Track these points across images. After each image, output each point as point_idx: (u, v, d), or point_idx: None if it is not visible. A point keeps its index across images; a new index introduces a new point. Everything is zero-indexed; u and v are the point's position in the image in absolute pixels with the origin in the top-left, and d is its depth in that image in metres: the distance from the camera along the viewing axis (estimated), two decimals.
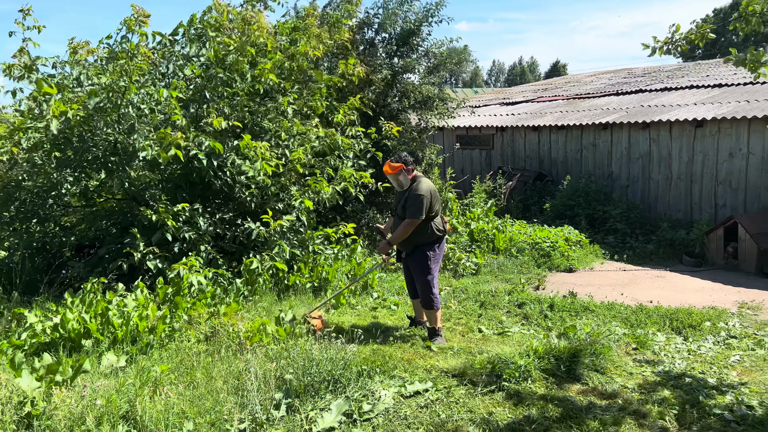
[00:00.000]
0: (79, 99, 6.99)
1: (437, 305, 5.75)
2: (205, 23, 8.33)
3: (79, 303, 5.81)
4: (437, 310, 5.77)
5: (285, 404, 4.15)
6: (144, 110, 7.20)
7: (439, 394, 4.53)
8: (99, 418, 3.79)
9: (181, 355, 5.11)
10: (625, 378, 5.00)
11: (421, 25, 11.08)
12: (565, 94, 18.69)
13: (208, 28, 8.22)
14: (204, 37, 8.33)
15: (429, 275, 5.68)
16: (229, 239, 7.63)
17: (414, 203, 5.49)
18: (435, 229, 5.66)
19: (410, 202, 5.51)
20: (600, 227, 11.76)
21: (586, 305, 7.14)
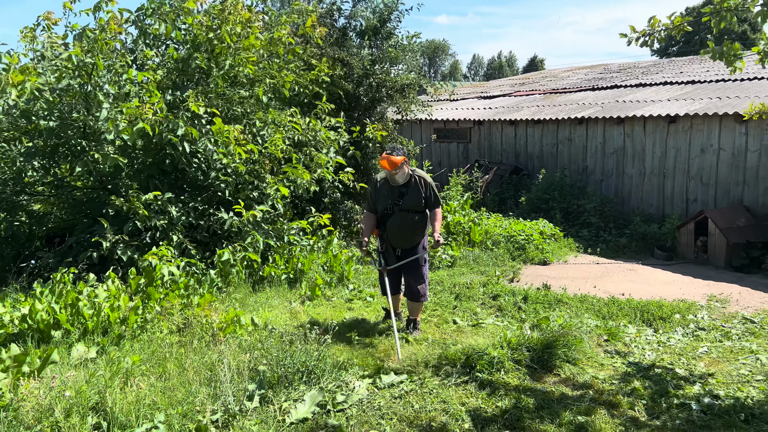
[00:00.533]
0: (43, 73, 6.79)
1: (427, 298, 5.86)
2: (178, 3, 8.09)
3: (49, 293, 5.70)
4: (425, 302, 5.88)
5: (258, 395, 4.13)
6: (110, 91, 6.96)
7: (413, 385, 4.54)
8: (68, 410, 3.73)
9: (153, 346, 5.05)
10: (596, 369, 5.07)
11: (391, 12, 11.05)
12: (542, 88, 18.83)
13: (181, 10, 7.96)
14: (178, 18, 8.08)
15: (426, 268, 5.74)
16: (203, 229, 7.54)
17: (434, 192, 5.54)
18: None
19: (432, 192, 5.53)
20: (574, 221, 11.89)
21: (559, 297, 7.22)
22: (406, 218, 5.54)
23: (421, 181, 5.55)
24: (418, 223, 5.56)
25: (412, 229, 5.56)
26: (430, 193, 5.53)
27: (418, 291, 5.68)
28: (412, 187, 5.54)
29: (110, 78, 7.05)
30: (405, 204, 5.53)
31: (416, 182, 5.54)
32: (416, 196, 5.53)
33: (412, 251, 5.65)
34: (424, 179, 5.56)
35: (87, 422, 3.70)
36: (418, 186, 5.53)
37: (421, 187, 5.53)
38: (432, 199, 5.55)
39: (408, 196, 5.53)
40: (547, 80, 21.11)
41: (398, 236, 5.62)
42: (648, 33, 4.75)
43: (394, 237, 5.64)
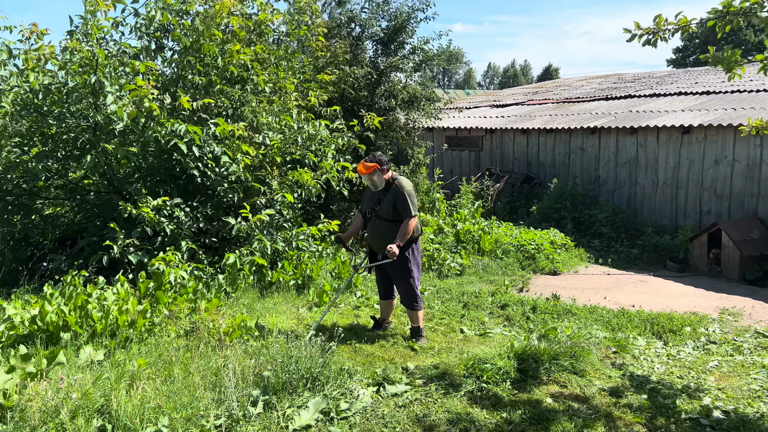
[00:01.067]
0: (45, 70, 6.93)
1: (420, 306, 5.76)
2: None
3: (59, 295, 5.75)
4: (420, 311, 5.78)
5: (262, 401, 4.14)
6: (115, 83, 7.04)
7: (417, 393, 4.53)
8: (74, 412, 3.76)
9: (160, 349, 5.07)
10: (603, 381, 5.02)
11: (407, 21, 11.08)
12: (556, 97, 18.78)
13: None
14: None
15: (410, 277, 5.65)
16: (212, 234, 7.58)
17: (405, 202, 5.45)
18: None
19: (401, 202, 5.46)
20: (586, 231, 11.82)
21: (568, 308, 7.17)
22: (379, 224, 5.60)
23: (395, 189, 5.51)
24: (388, 231, 5.53)
25: (383, 236, 5.55)
26: (402, 203, 5.46)
27: (408, 299, 5.70)
28: (388, 195, 5.54)
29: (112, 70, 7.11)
30: (379, 210, 5.60)
31: (392, 190, 5.53)
32: (388, 204, 5.52)
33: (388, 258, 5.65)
34: (400, 188, 5.50)
35: (92, 424, 3.72)
36: (392, 194, 5.52)
37: (394, 196, 5.50)
38: (402, 208, 5.48)
39: (383, 203, 5.57)
40: (561, 89, 21.05)
41: (373, 241, 5.71)
42: (653, 31, 4.66)
43: (371, 241, 5.77)
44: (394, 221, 5.52)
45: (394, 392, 4.51)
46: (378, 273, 5.95)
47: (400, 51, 11.44)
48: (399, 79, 11.41)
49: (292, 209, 7.97)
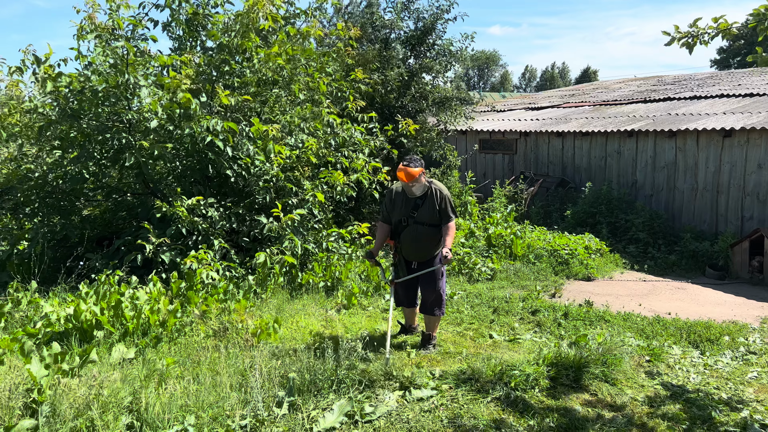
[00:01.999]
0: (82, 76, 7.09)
1: (444, 312, 5.69)
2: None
3: (93, 294, 5.88)
4: (441, 316, 5.70)
5: (287, 402, 4.15)
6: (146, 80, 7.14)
7: (444, 398, 4.48)
8: (103, 408, 3.83)
9: (189, 349, 5.15)
10: (635, 390, 4.89)
11: (435, 22, 11.02)
12: (592, 100, 18.46)
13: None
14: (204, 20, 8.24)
15: (443, 282, 5.61)
16: (244, 234, 7.67)
17: (449, 205, 5.39)
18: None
19: (444, 205, 5.38)
20: (622, 236, 11.56)
21: (601, 315, 7.02)
22: (420, 230, 5.42)
23: (437, 193, 5.40)
24: (432, 236, 5.42)
25: (427, 242, 5.43)
26: (446, 206, 5.38)
27: (433, 305, 5.56)
28: (428, 199, 5.40)
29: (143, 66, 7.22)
30: (420, 216, 5.41)
31: (432, 194, 5.40)
32: (431, 208, 5.39)
33: (427, 264, 5.51)
34: (440, 191, 5.41)
35: (121, 421, 3.79)
36: (433, 198, 5.39)
37: (436, 200, 5.38)
38: (447, 212, 5.39)
39: (423, 208, 5.40)
40: (598, 92, 20.68)
41: (412, 249, 5.50)
42: (691, 35, 4.54)
43: (408, 249, 5.53)
44: (437, 226, 5.42)
45: (419, 396, 4.47)
46: (406, 283, 5.70)
47: (430, 52, 11.38)
48: (429, 80, 11.36)
49: (323, 210, 8.00)
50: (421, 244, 5.46)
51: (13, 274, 7.46)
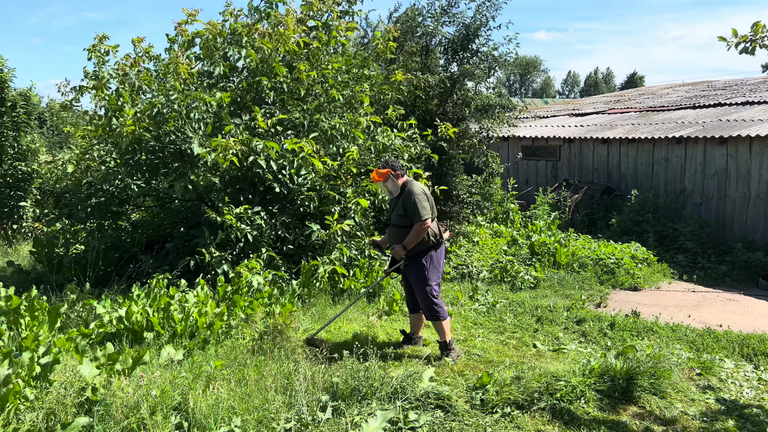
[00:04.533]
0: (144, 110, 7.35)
1: (443, 315, 5.44)
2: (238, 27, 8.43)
3: (144, 297, 6.06)
4: (443, 320, 5.44)
5: (331, 407, 4.18)
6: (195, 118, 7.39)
7: (487, 408, 4.44)
8: (153, 408, 3.94)
9: (235, 352, 5.24)
10: (686, 404, 4.76)
11: (478, 29, 10.92)
12: (638, 106, 18.08)
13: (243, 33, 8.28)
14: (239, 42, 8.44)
15: (427, 285, 5.40)
16: (289, 241, 7.78)
17: (415, 206, 5.25)
18: (431, 235, 5.39)
19: (410, 207, 5.28)
20: (669, 245, 11.27)
21: (649, 326, 6.85)
22: (393, 232, 5.50)
23: (407, 195, 5.35)
24: (401, 237, 5.39)
25: (396, 243, 5.43)
26: (412, 208, 5.26)
27: (426, 308, 5.46)
28: (400, 201, 5.41)
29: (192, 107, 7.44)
30: (392, 217, 5.51)
31: (404, 196, 5.37)
32: (400, 210, 5.38)
33: (409, 266, 5.45)
34: (410, 193, 5.32)
35: (170, 421, 3.88)
36: (403, 199, 5.37)
37: (404, 202, 5.35)
38: (412, 213, 5.28)
39: (395, 209, 5.46)
40: (644, 98, 20.24)
41: (391, 248, 5.58)
42: (750, 39, 4.41)
43: (390, 248, 5.61)
44: (406, 227, 5.35)
45: (463, 407, 4.44)
46: (405, 285, 5.77)
47: (473, 59, 11.29)
48: (471, 87, 11.26)
49: (365, 217, 8.06)
50: (394, 244, 5.50)
51: (69, 276, 7.74)
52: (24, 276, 8.63)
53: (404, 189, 5.41)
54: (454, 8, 10.99)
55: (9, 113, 11.65)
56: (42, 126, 23.42)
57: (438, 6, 10.97)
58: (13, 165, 11.67)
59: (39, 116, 24.13)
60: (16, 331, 5.50)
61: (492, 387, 4.64)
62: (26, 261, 9.62)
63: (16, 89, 12.03)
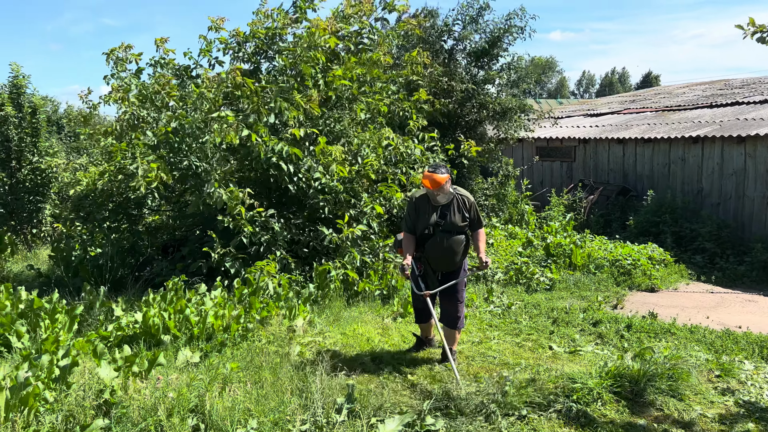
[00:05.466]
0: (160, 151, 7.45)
1: (463, 325, 5.47)
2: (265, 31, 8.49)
3: (161, 300, 6.11)
4: (460, 330, 5.50)
5: (347, 409, 4.19)
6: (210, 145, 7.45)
7: (503, 411, 4.42)
8: (170, 410, 3.97)
9: (251, 354, 5.26)
10: (704, 406, 4.70)
11: (502, 36, 10.88)
12: (654, 106, 17.92)
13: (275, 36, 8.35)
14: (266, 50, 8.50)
15: (464, 292, 5.41)
16: (303, 244, 7.81)
17: (477, 211, 5.25)
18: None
19: (474, 212, 5.22)
20: (687, 246, 11.15)
21: (666, 327, 6.78)
22: (448, 240, 5.14)
23: (464, 200, 5.20)
24: (460, 245, 5.18)
25: (455, 251, 5.17)
26: (474, 214, 5.20)
27: (456, 317, 5.32)
28: (455, 207, 5.17)
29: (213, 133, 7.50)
30: (447, 225, 5.14)
31: (458, 201, 5.19)
32: (459, 216, 5.16)
33: (454, 275, 5.28)
34: (467, 199, 5.22)
35: (187, 423, 3.91)
36: (460, 205, 5.18)
37: (464, 207, 5.18)
38: (475, 219, 5.23)
39: (450, 217, 5.14)
40: (660, 97, 20.06)
41: (440, 259, 5.21)
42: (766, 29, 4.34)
43: (435, 259, 5.23)
44: (464, 234, 5.24)
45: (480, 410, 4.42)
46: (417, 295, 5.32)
47: (494, 63, 11.26)
48: (491, 92, 11.25)
49: (380, 222, 8.08)
50: (449, 254, 5.19)
51: (85, 279, 7.83)
52: (44, 279, 8.75)
53: (455, 193, 5.21)
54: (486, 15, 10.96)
55: (28, 119, 11.83)
56: (60, 132, 23.74)
57: (468, 16, 10.96)
58: (34, 170, 11.84)
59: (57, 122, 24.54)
60: (36, 333, 5.58)
61: (510, 389, 4.61)
62: (45, 265, 9.75)
63: (34, 95, 12.21)
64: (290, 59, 8.06)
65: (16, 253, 10.95)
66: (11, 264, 10.31)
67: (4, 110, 11.50)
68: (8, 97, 11.71)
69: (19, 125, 11.69)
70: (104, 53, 8.11)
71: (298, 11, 8.83)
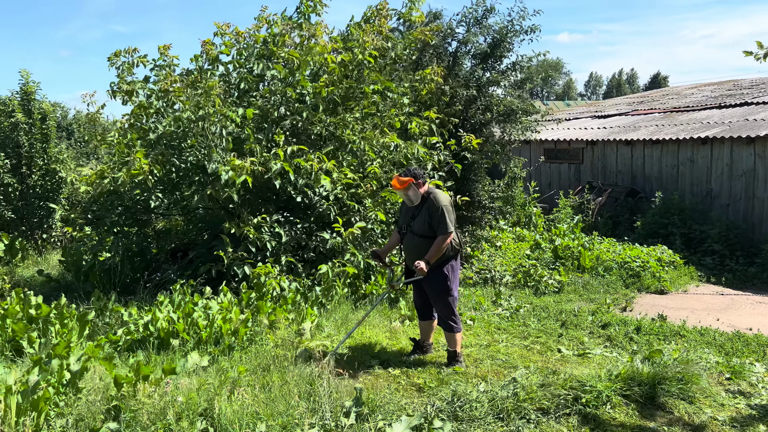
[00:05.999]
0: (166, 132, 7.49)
1: (459, 327, 5.39)
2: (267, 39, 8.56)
3: (169, 304, 6.14)
4: (458, 333, 5.38)
5: (355, 412, 4.19)
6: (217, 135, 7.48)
7: (512, 413, 4.41)
8: (179, 414, 3.99)
9: (259, 358, 5.28)
10: (715, 409, 4.67)
11: (506, 37, 10.85)
12: (662, 107, 17.84)
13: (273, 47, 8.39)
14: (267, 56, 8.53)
15: (449, 296, 5.30)
16: (309, 249, 7.84)
17: (442, 217, 5.13)
18: (453, 244, 5.29)
19: (437, 218, 5.14)
20: (696, 248, 11.09)
21: (676, 330, 6.75)
22: (414, 240, 5.30)
23: (432, 204, 5.19)
24: (425, 247, 5.20)
25: (418, 253, 5.22)
26: (438, 219, 5.13)
27: (445, 318, 5.33)
28: (423, 210, 5.24)
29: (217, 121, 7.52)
30: (414, 226, 5.31)
31: (427, 205, 5.22)
32: (424, 220, 5.22)
33: (428, 276, 5.22)
34: (436, 202, 5.18)
35: (196, 427, 3.93)
36: (427, 209, 5.21)
37: (430, 211, 5.19)
38: (437, 224, 5.15)
39: (418, 218, 5.27)
40: (668, 98, 19.97)
41: (408, 257, 5.39)
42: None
43: (406, 257, 5.46)
44: (429, 237, 5.23)
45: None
46: (416, 292, 5.61)
47: (498, 65, 11.22)
48: (497, 93, 11.21)
49: (385, 224, 8.10)
50: (413, 254, 5.30)
51: (95, 284, 7.88)
52: (54, 284, 8.81)
53: (428, 198, 5.26)
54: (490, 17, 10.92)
55: (38, 125, 11.93)
56: (69, 138, 23.92)
57: (472, 18, 10.94)
58: (44, 175, 11.94)
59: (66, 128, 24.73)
60: (46, 338, 5.61)
61: (521, 392, 4.60)
62: (56, 270, 9.82)
63: (44, 101, 12.30)
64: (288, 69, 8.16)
65: (27, 258, 11.03)
66: (22, 269, 10.39)
67: (14, 116, 11.61)
68: (18, 104, 11.81)
69: (29, 131, 11.79)
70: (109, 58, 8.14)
71: (302, 16, 8.87)
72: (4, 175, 11.49)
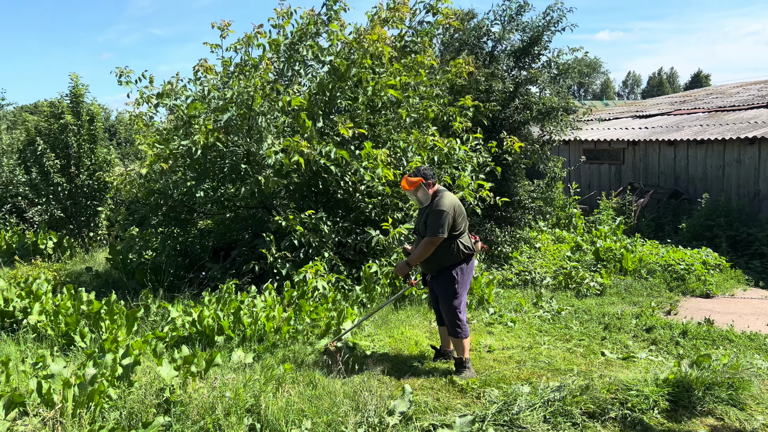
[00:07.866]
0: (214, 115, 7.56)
1: (465, 333, 5.15)
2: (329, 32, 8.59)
3: (215, 302, 6.27)
4: (464, 339, 5.16)
5: (399, 412, 4.21)
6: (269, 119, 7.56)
7: (558, 418, 4.37)
8: (227, 409, 4.07)
9: (302, 355, 5.34)
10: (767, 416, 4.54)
11: (542, 33, 10.73)
12: (706, 106, 17.41)
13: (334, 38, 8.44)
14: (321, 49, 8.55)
15: (455, 299, 5.10)
16: (350, 247, 7.89)
17: (435, 220, 4.94)
18: (462, 248, 5.07)
19: (431, 219, 4.98)
20: (744, 251, 10.78)
21: (724, 334, 6.58)
22: (420, 243, 5.14)
23: (434, 206, 5.02)
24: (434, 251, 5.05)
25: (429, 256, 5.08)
26: (431, 220, 4.97)
27: (452, 323, 5.15)
28: (427, 213, 5.09)
29: (267, 107, 7.60)
30: (419, 227, 5.24)
31: (433, 206, 5.05)
32: (424, 220, 5.10)
33: (436, 279, 5.17)
34: (437, 205, 5.00)
35: (243, 423, 4.00)
36: (431, 209, 5.06)
37: (428, 213, 5.06)
38: (430, 225, 4.98)
39: (421, 220, 5.18)
40: (713, 97, 19.47)
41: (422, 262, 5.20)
42: None
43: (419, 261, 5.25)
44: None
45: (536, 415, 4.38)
46: (431, 297, 5.48)
47: (535, 63, 11.12)
48: (534, 91, 11.10)
49: None
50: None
51: (141, 282, 8.09)
52: (101, 281, 9.07)
53: (434, 199, 5.11)
54: (525, 14, 10.85)
55: (86, 126, 12.30)
56: (111, 139, 24.60)
57: (506, 15, 10.87)
58: (92, 175, 12.30)
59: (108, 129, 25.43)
60: (97, 333, 5.79)
61: (568, 396, 4.55)
62: (102, 267, 10.11)
63: (92, 103, 12.67)
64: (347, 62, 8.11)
65: (75, 255, 11.38)
66: (70, 266, 10.72)
67: (64, 118, 11.99)
68: (68, 106, 12.20)
69: (78, 132, 12.16)
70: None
71: (330, 12, 8.88)
72: (54, 174, 11.88)
